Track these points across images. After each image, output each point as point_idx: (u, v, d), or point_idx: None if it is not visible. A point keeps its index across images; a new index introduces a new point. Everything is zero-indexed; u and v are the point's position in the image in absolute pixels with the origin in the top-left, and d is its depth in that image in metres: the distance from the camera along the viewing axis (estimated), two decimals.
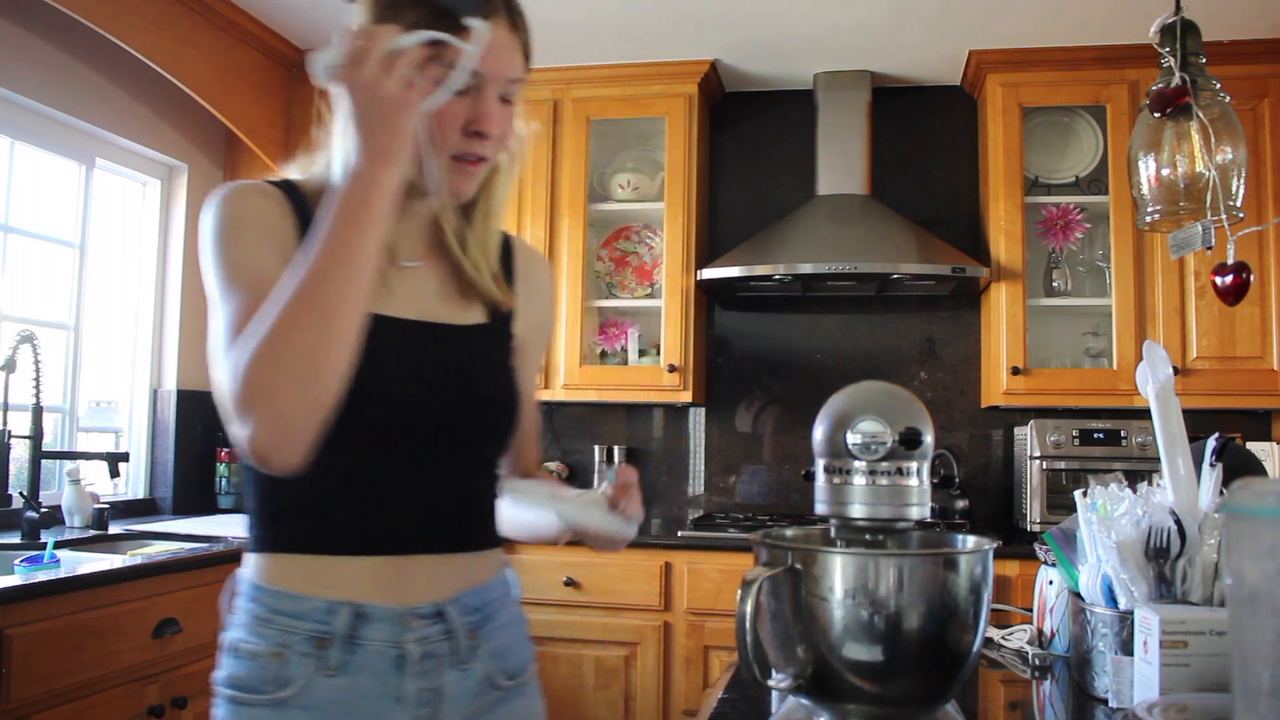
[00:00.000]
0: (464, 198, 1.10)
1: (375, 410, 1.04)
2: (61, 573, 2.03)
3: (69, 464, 2.81)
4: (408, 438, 1.07)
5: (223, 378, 0.95)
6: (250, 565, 1.09)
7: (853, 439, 1.04)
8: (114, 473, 2.77)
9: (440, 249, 1.17)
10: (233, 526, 2.83)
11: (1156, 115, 1.57)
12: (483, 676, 1.11)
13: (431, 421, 1.08)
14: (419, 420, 1.07)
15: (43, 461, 2.69)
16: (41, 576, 1.98)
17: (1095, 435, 3.07)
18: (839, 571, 0.97)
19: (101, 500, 2.86)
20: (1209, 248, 1.55)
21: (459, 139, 1.05)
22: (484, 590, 1.14)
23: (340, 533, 1.06)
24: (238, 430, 0.92)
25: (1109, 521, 1.22)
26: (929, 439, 1.04)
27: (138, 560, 2.27)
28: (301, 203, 1.08)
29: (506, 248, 1.24)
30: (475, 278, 1.16)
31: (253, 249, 1.02)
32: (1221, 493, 1.21)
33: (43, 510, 2.58)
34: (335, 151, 1.05)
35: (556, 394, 3.40)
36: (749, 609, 0.95)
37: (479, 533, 1.17)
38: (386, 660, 1.05)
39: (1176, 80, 1.53)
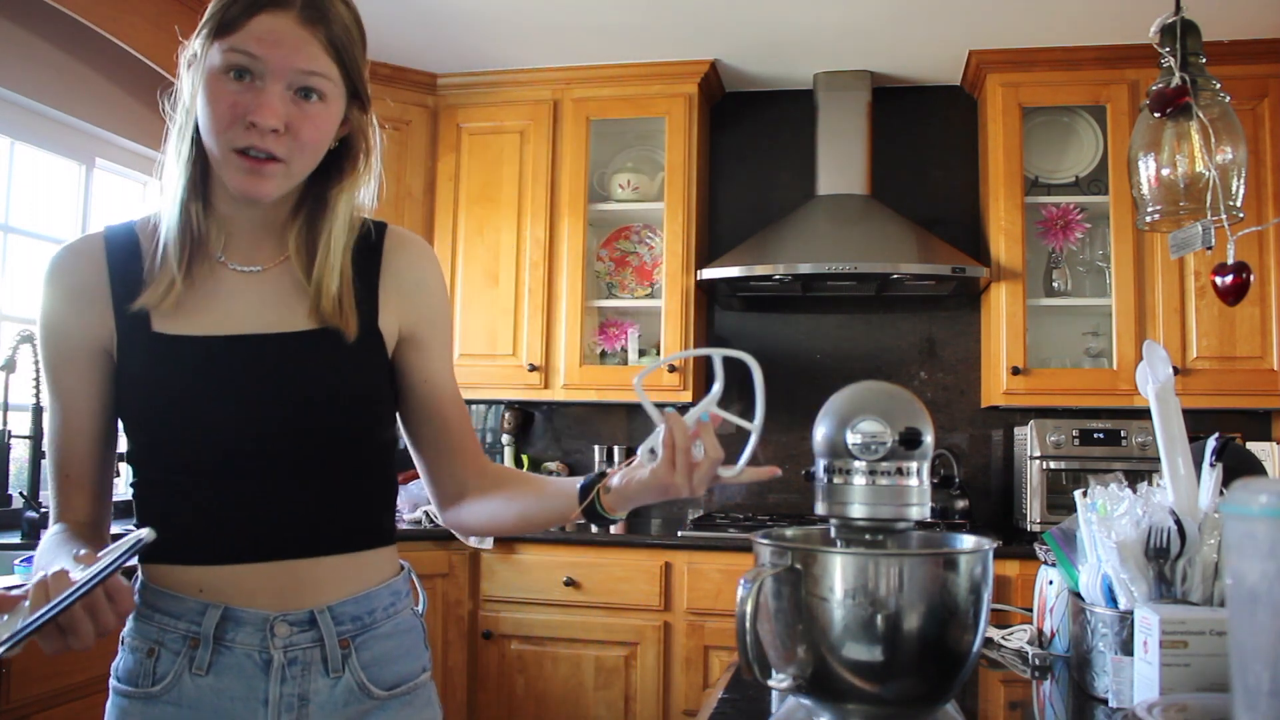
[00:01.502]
0: (264, 199, 1.07)
1: (190, 433, 1.08)
2: None
3: None
4: (236, 452, 1.08)
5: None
6: (142, 572, 1.14)
7: (853, 439, 1.04)
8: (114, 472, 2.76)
9: (288, 257, 1.16)
10: None
11: (1156, 115, 1.57)
12: (355, 685, 1.11)
13: (255, 435, 1.08)
14: (242, 435, 1.08)
15: (43, 462, 2.68)
16: None
17: (1095, 435, 3.07)
18: (839, 571, 0.97)
19: None
20: (1209, 248, 1.55)
21: (239, 131, 1.03)
22: (366, 599, 1.13)
23: (200, 543, 1.09)
24: None
25: (1109, 521, 1.22)
26: (929, 439, 1.04)
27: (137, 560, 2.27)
28: (122, 246, 1.14)
29: (378, 241, 1.20)
30: (307, 288, 1.14)
31: (63, 365, 1.12)
32: (1221, 493, 1.21)
33: (42, 510, 2.58)
34: (165, 169, 1.14)
35: (556, 394, 3.40)
36: (749, 609, 0.95)
37: (355, 537, 1.15)
38: (253, 664, 1.07)
39: (1176, 80, 1.53)
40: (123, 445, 1.16)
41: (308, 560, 1.11)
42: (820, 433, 1.08)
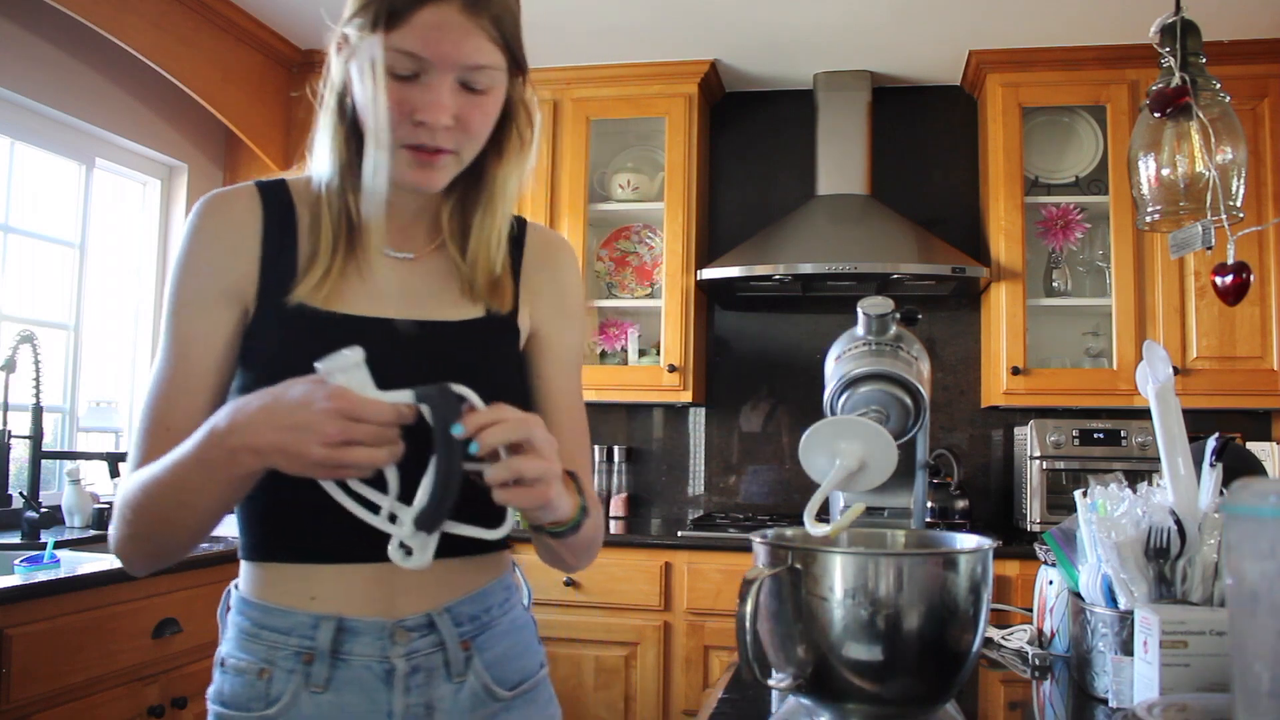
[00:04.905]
0: (430, 189, 1.03)
1: None
2: (61, 573, 2.03)
3: (69, 464, 2.81)
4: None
5: (128, 460, 1.04)
6: (241, 576, 1.08)
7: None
8: (114, 473, 2.76)
9: (442, 242, 1.12)
10: (232, 526, 2.82)
11: (1156, 115, 1.57)
12: (480, 688, 1.06)
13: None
14: None
15: (43, 461, 2.69)
16: (41, 576, 1.98)
17: (1095, 435, 3.07)
18: (839, 571, 0.97)
19: (101, 500, 2.86)
20: (1209, 248, 1.55)
21: (407, 128, 0.99)
22: (481, 597, 1.09)
23: (319, 541, 1.03)
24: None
25: (1109, 521, 1.22)
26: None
27: None
28: (277, 202, 1.07)
29: (519, 235, 1.17)
30: (463, 270, 1.10)
31: (194, 303, 1.03)
32: (1221, 493, 1.21)
33: (43, 510, 2.58)
34: (315, 152, 1.06)
35: None
36: (749, 609, 0.95)
37: (472, 538, 1.09)
38: (374, 675, 1.01)
39: (1176, 80, 1.53)
40: None
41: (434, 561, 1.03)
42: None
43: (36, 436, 2.64)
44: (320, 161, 1.05)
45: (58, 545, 2.29)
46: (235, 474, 0.91)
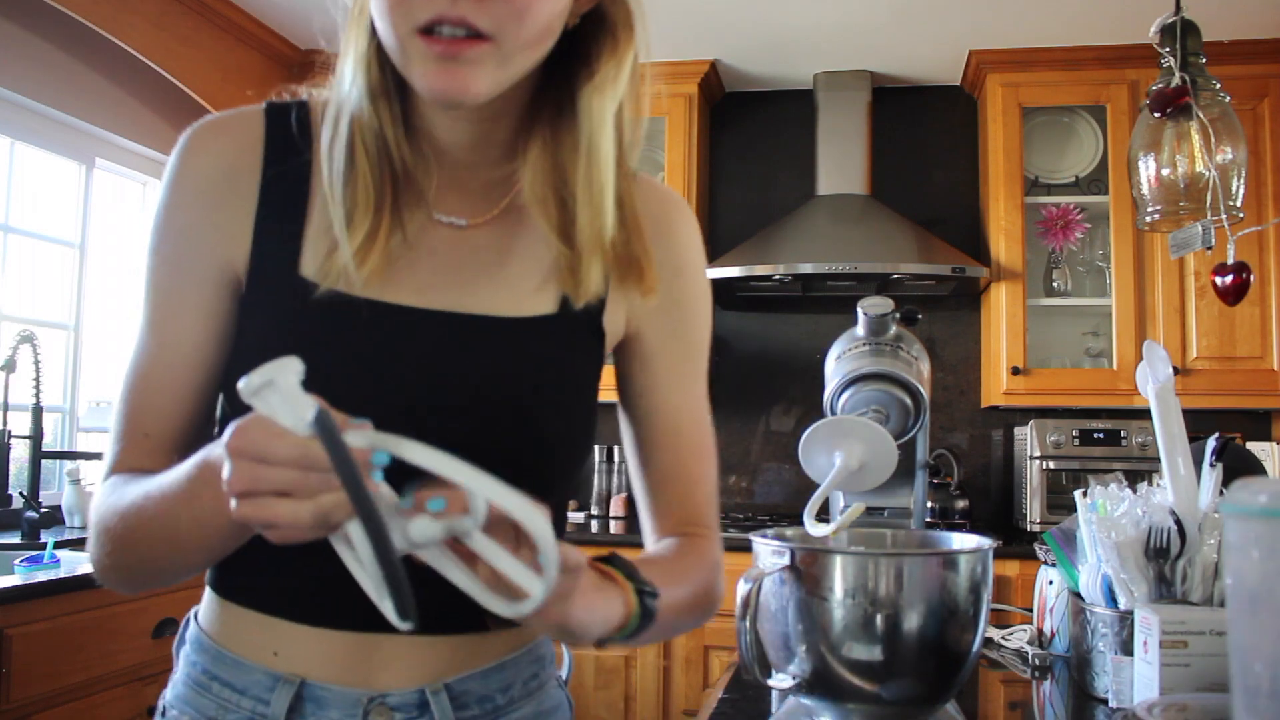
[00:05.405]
0: (467, 99, 0.69)
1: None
2: (61, 573, 2.03)
3: (69, 464, 2.81)
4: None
5: (104, 455, 0.81)
6: (203, 604, 0.86)
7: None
8: None
9: (510, 205, 0.81)
10: None
11: (1156, 115, 1.57)
12: None
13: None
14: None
15: (43, 461, 2.68)
16: (41, 576, 1.98)
17: (1095, 435, 3.07)
18: (839, 571, 0.97)
19: None
20: (1209, 248, 1.55)
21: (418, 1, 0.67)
22: (499, 672, 0.82)
23: (283, 597, 0.79)
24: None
25: (1109, 521, 1.22)
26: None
27: None
28: (289, 134, 0.81)
29: (620, 196, 0.81)
30: (556, 247, 0.79)
31: (174, 274, 0.79)
32: (1221, 493, 1.21)
33: (43, 510, 2.58)
34: (338, 74, 0.78)
35: None
36: (749, 609, 0.95)
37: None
38: None
39: (1176, 80, 1.53)
40: None
41: (438, 635, 0.79)
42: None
43: (36, 436, 2.64)
44: (343, 83, 0.76)
45: (58, 545, 2.29)
46: (222, 512, 0.63)
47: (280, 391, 0.58)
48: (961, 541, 1.09)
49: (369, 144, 0.76)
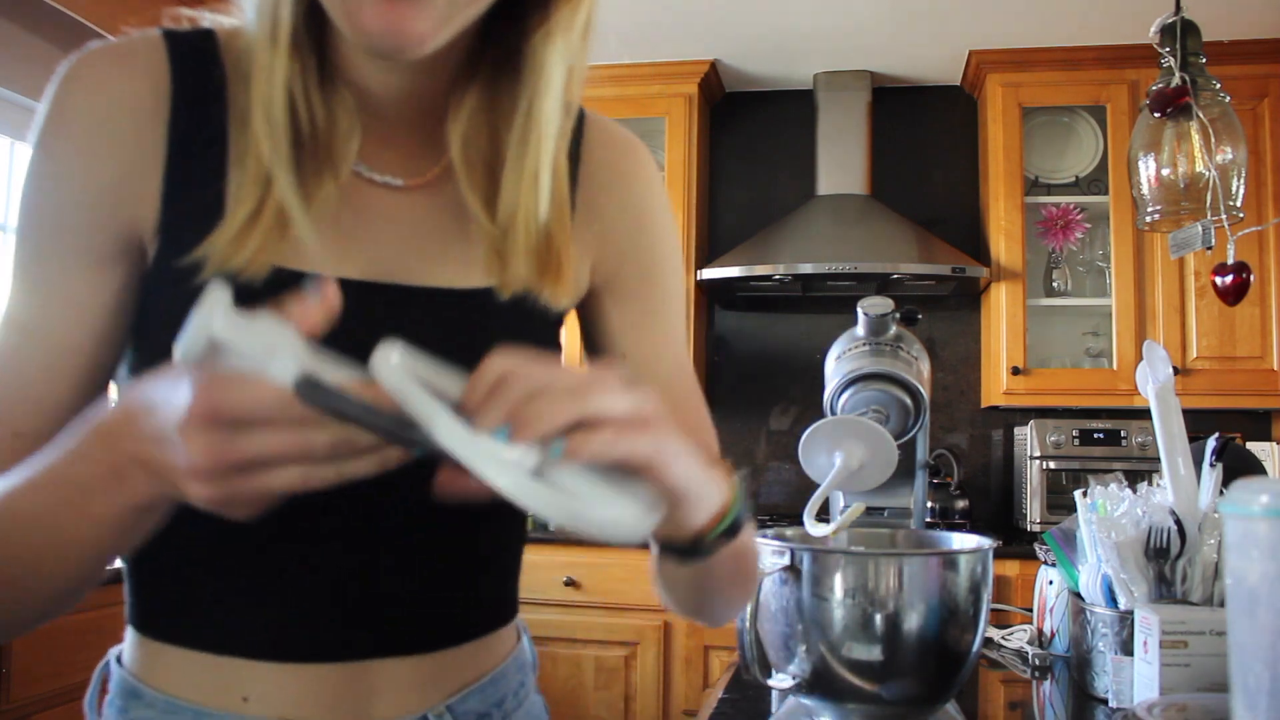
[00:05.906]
0: (412, 48, 0.58)
1: None
2: None
3: None
4: (352, 490, 0.53)
5: None
6: (127, 646, 0.71)
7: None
8: None
9: (450, 166, 0.71)
10: None
11: (1156, 115, 1.57)
12: None
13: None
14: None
15: None
16: None
17: (1095, 435, 3.07)
18: (839, 571, 0.97)
19: None
20: (1209, 248, 1.55)
21: None
22: (494, 684, 0.76)
23: (250, 634, 0.67)
24: None
25: (1109, 521, 1.22)
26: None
27: None
28: (197, 68, 0.66)
29: (575, 134, 0.75)
30: (483, 222, 0.69)
31: (55, 238, 0.65)
32: (1221, 493, 1.21)
33: None
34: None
35: None
36: (749, 609, 0.95)
37: (489, 615, 0.77)
38: None
39: (1176, 80, 1.53)
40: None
41: (428, 655, 0.71)
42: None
43: None
44: (248, 8, 0.63)
45: None
46: (126, 502, 0.53)
47: (239, 344, 0.47)
48: (961, 541, 1.09)
49: (273, 100, 0.63)
